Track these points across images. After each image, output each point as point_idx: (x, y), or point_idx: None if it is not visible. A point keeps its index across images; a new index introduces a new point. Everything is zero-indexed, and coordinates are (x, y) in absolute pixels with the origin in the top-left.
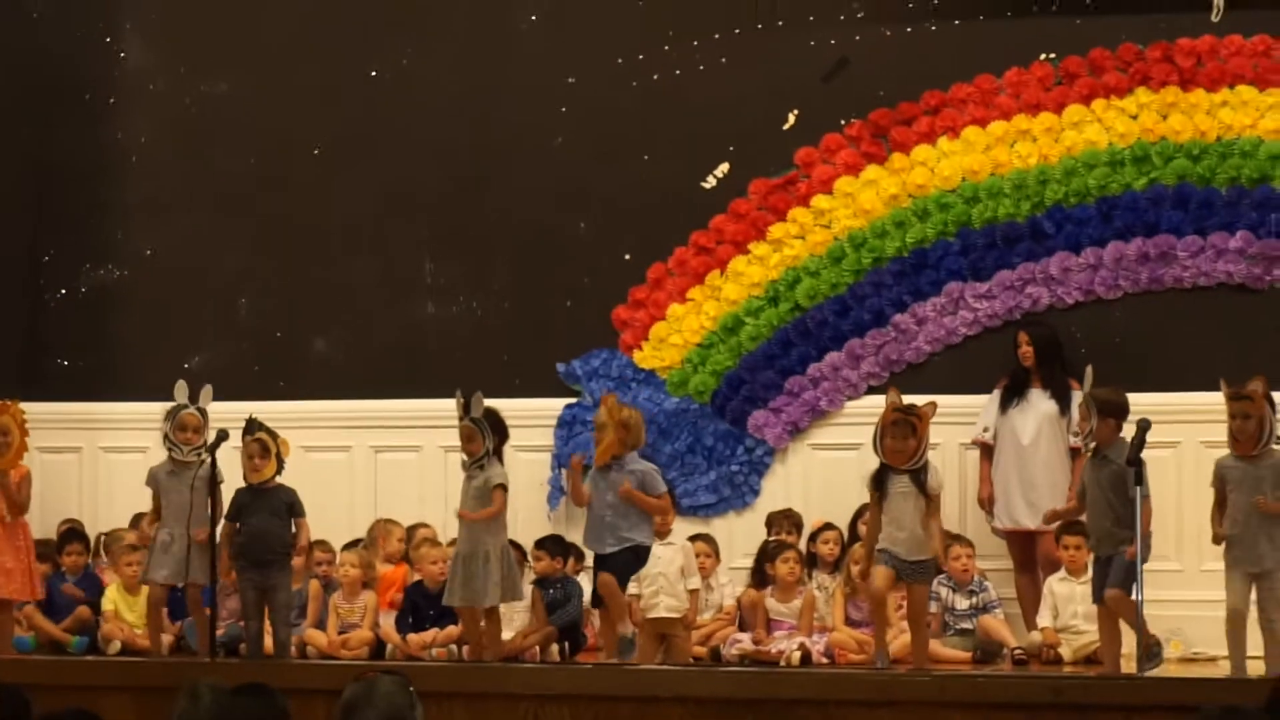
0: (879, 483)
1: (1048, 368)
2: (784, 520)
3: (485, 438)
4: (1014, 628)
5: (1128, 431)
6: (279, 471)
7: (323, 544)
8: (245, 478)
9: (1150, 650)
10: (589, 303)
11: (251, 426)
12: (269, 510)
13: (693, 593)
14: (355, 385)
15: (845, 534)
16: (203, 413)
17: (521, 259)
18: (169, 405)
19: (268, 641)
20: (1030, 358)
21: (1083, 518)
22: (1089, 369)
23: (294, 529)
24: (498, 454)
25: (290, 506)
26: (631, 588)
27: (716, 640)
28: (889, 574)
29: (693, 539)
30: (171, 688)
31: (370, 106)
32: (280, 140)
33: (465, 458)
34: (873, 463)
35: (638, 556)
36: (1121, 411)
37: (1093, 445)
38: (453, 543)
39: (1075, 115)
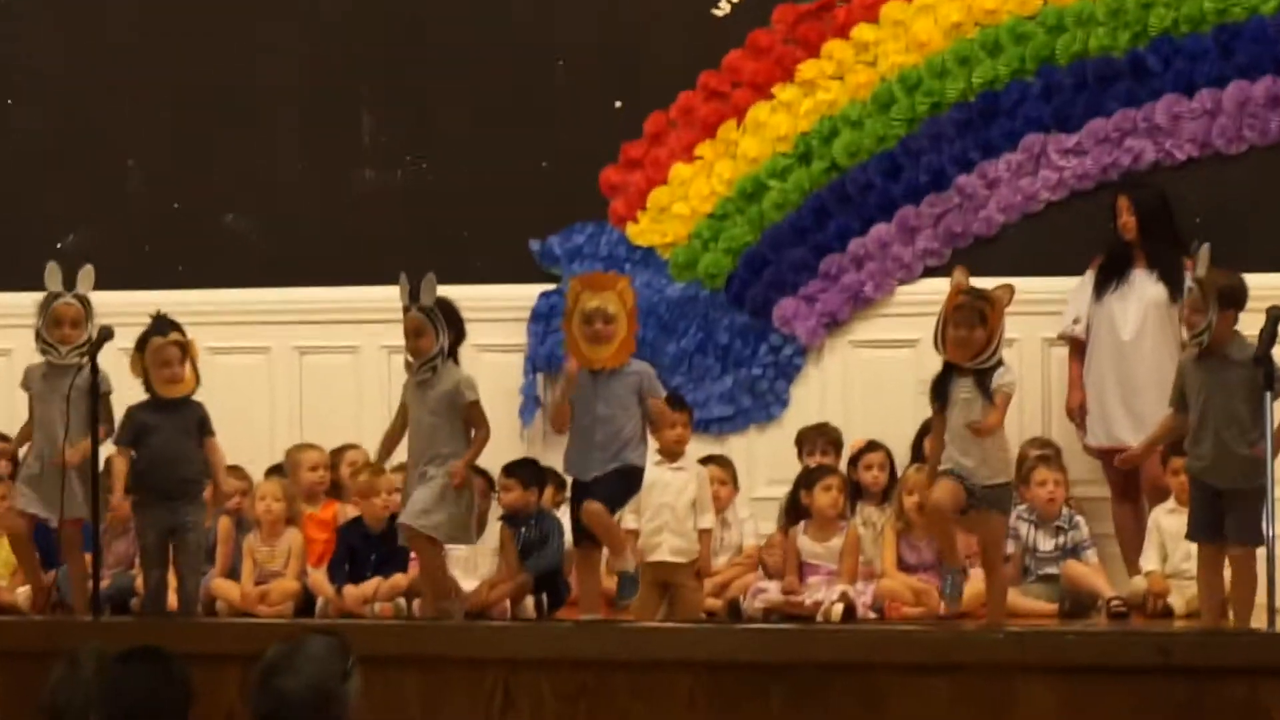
0: (940, 389)
1: (1154, 241)
2: (818, 438)
3: (439, 332)
4: (1111, 572)
5: (1244, 325)
6: (198, 383)
7: (236, 470)
8: (153, 389)
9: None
10: (569, 163)
11: (163, 325)
12: (178, 429)
13: (704, 533)
14: (274, 270)
15: (897, 456)
16: (83, 301)
17: (482, 108)
18: (40, 296)
19: (170, 597)
20: (1132, 229)
21: None
22: (1204, 246)
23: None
24: (452, 355)
25: (202, 423)
26: (628, 520)
27: (735, 590)
28: (955, 488)
29: (704, 462)
30: (46, 653)
31: None
32: None
33: (409, 358)
34: (933, 363)
35: (627, 482)
36: (1242, 301)
37: (1203, 343)
38: (400, 469)
39: None
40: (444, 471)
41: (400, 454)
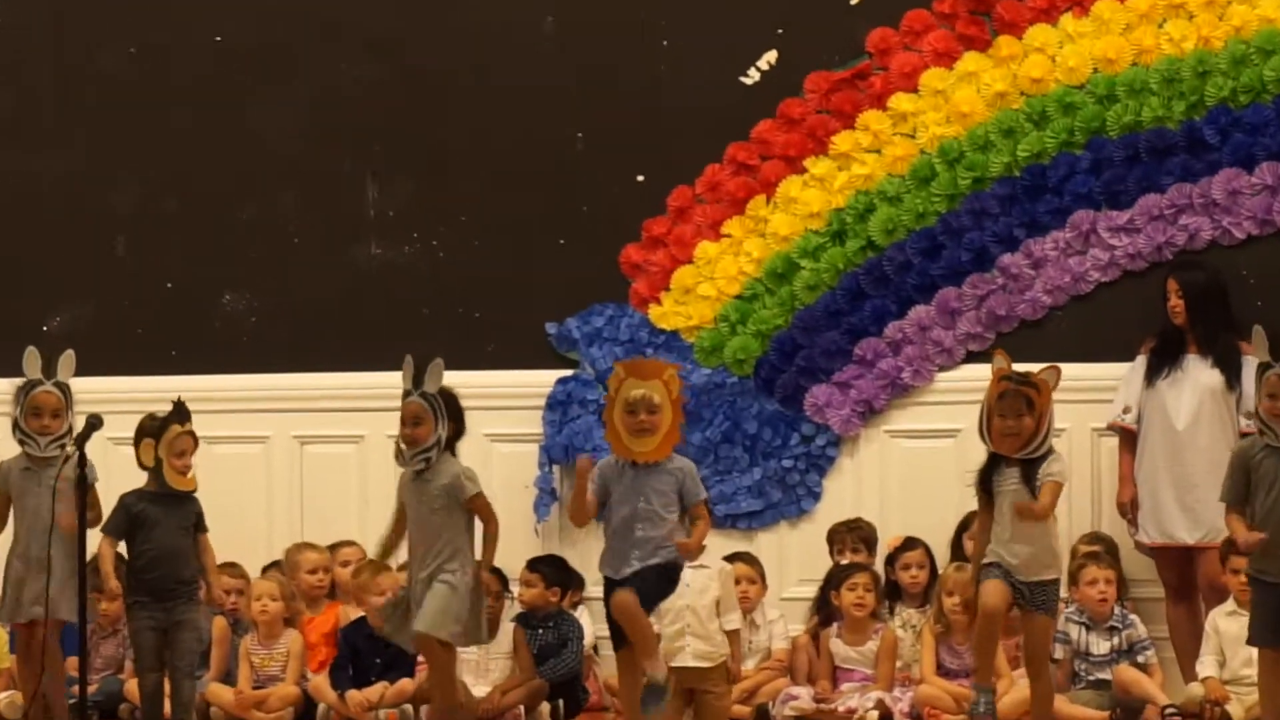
0: (986, 482)
1: (1205, 325)
2: (848, 535)
3: (438, 422)
4: (1167, 677)
5: None
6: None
7: (232, 567)
8: (163, 479)
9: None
10: (588, 241)
11: (182, 413)
12: (179, 525)
13: (731, 634)
14: (273, 354)
15: (936, 554)
16: (63, 389)
17: (497, 183)
18: (17, 382)
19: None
20: (1181, 313)
21: None
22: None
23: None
24: (449, 449)
25: (199, 519)
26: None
27: (764, 696)
28: (1002, 589)
29: (730, 559)
30: None
31: None
32: (172, 24)
33: (403, 445)
34: (975, 454)
35: (668, 578)
36: None
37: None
38: (404, 567)
39: None
40: (457, 577)
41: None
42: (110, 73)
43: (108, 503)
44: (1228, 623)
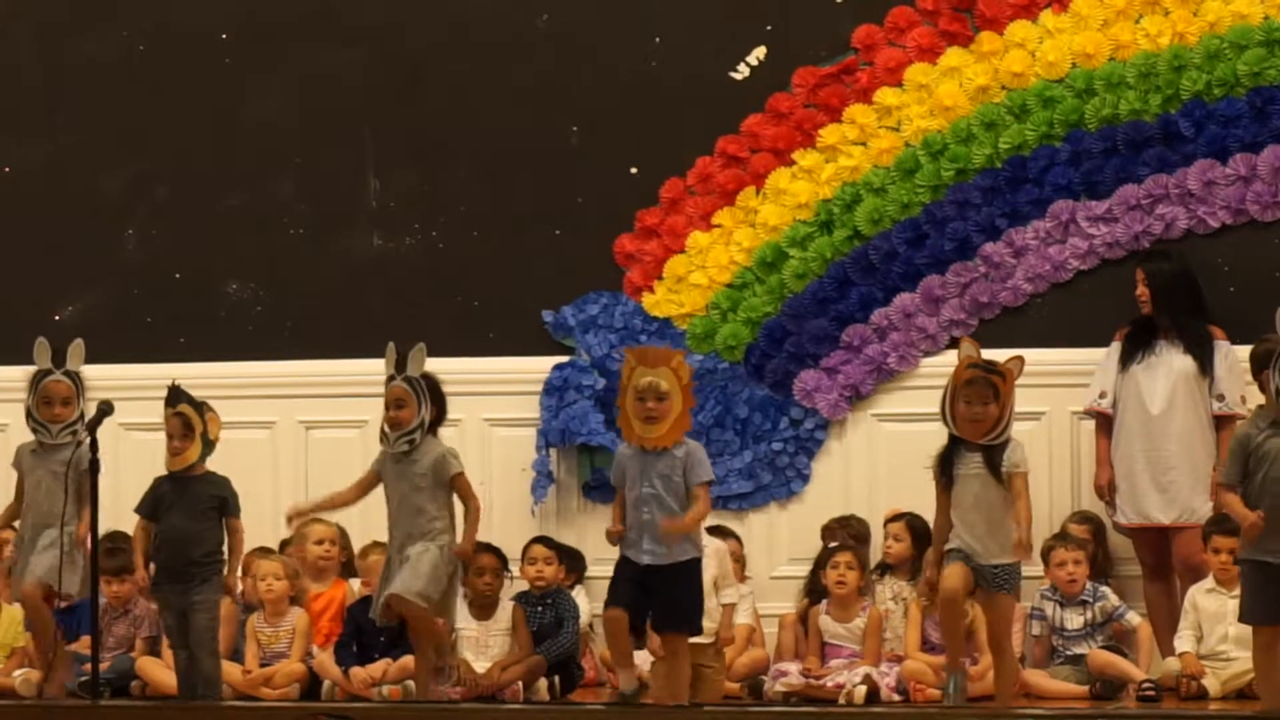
0: (946, 465)
1: (1171, 313)
2: (839, 529)
3: (421, 405)
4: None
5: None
6: (205, 455)
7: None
8: (167, 465)
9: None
10: (583, 231)
11: (174, 397)
12: (191, 506)
13: (727, 608)
14: (279, 341)
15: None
16: (73, 377)
17: (494, 174)
18: (30, 370)
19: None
20: (1147, 301)
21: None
22: None
23: (225, 533)
24: (432, 432)
25: (223, 503)
26: None
27: (740, 668)
28: (963, 571)
29: (711, 531)
30: None
31: None
32: (174, 19)
33: (386, 428)
34: None
35: (697, 590)
36: None
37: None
38: (375, 544)
39: None
40: (436, 546)
41: (378, 528)
42: (114, 75)
43: (119, 486)
44: (1206, 599)
